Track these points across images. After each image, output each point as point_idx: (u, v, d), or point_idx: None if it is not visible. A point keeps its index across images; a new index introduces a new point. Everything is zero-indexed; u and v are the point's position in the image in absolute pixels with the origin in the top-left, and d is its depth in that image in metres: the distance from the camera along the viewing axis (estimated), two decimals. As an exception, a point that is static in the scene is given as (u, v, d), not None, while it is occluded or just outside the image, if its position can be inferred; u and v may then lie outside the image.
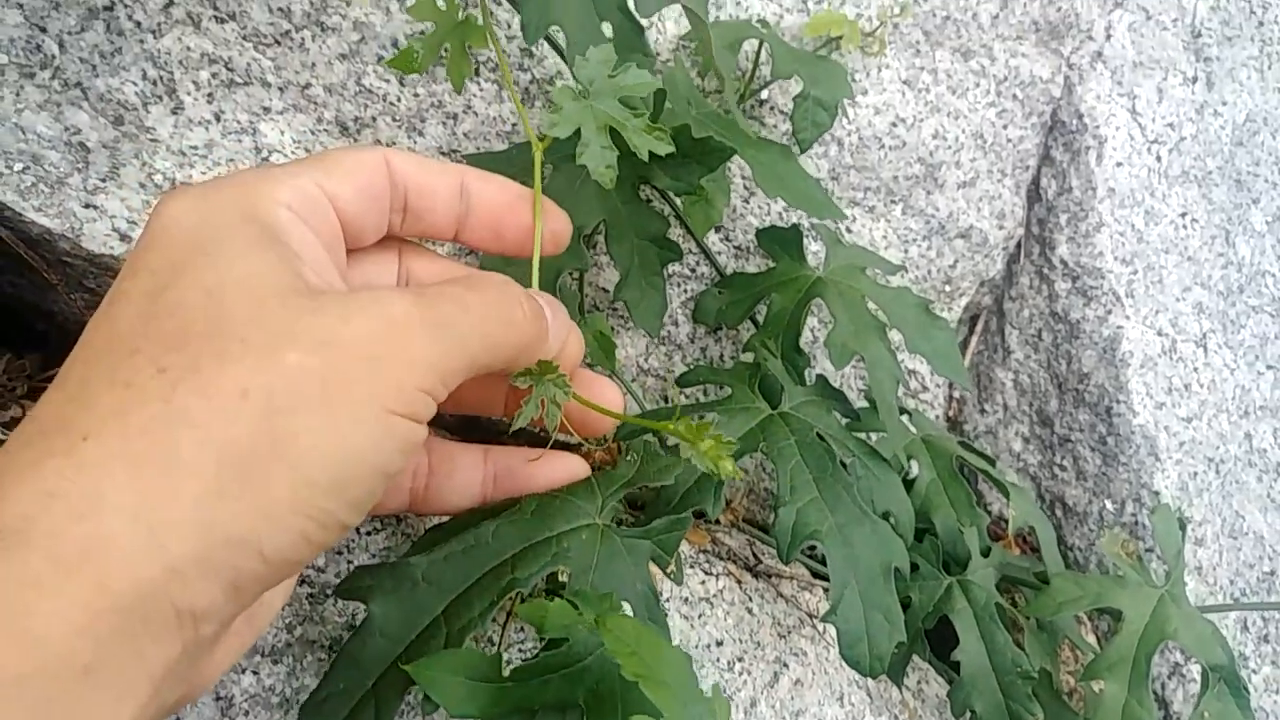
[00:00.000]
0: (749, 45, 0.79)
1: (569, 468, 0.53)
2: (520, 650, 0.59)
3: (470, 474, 0.52)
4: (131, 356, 0.34)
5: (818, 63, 0.74)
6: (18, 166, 0.57)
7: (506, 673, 0.42)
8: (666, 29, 0.78)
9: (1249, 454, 1.00)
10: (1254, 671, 0.92)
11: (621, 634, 0.40)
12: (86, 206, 0.59)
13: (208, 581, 0.33)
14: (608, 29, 0.56)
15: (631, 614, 0.46)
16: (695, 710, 0.37)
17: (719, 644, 0.66)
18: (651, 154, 0.67)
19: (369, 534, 0.60)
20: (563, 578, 0.51)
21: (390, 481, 0.39)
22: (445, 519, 0.53)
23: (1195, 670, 0.88)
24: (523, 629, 0.60)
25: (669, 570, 0.48)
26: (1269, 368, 1.04)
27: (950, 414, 1.06)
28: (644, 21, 0.72)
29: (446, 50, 0.60)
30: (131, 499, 0.32)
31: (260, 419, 0.34)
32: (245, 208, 0.39)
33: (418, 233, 0.47)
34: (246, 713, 0.52)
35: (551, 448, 0.52)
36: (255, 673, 0.53)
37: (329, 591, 0.56)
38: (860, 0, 0.84)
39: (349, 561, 0.58)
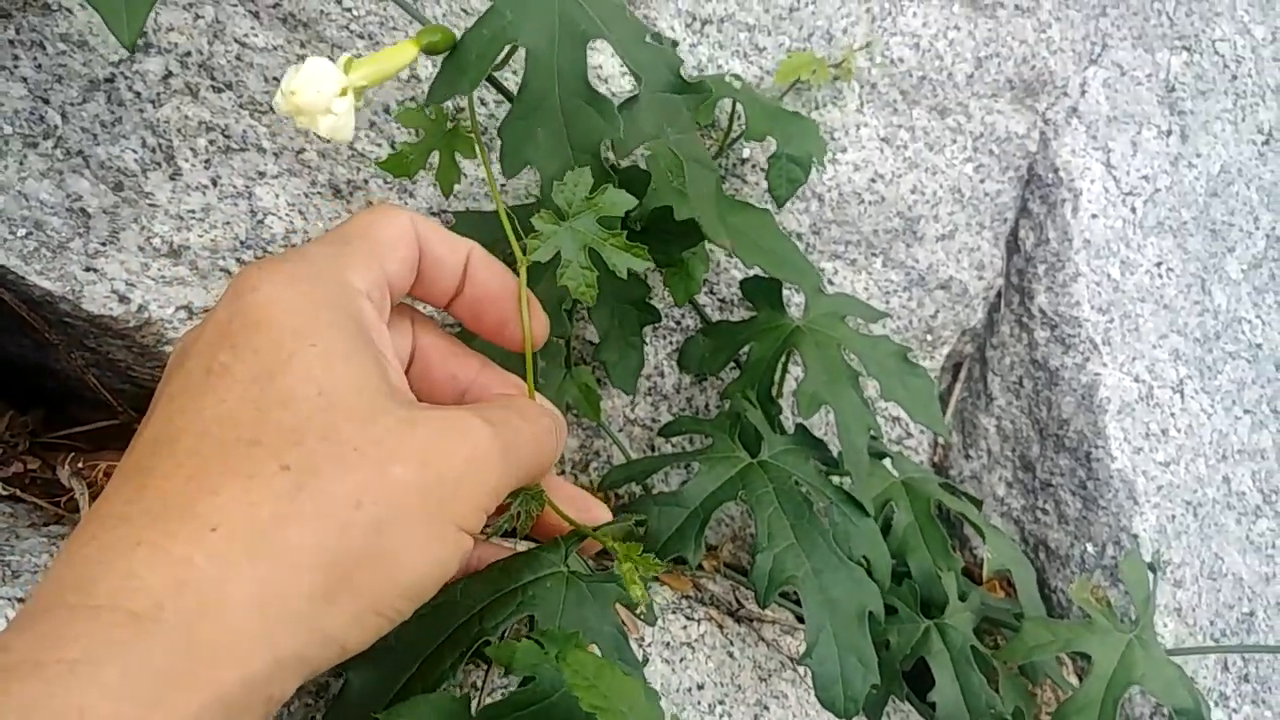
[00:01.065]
0: (726, 101, 0.82)
1: None
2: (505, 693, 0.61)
3: None
4: (252, 447, 0.37)
5: (790, 120, 0.77)
6: (21, 232, 0.60)
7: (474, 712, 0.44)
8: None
9: (1227, 497, 1.02)
10: (1235, 711, 0.93)
11: (580, 667, 0.42)
12: (87, 270, 0.62)
13: (298, 673, 0.36)
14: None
15: (600, 654, 0.48)
16: None
17: (700, 688, 0.68)
18: (634, 231, 0.70)
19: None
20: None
21: None
22: None
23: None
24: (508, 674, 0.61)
25: (639, 611, 0.50)
26: (1246, 412, 1.06)
27: (935, 459, 1.08)
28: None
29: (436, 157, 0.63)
30: (254, 595, 0.34)
31: (369, 531, 0.37)
32: (337, 297, 0.42)
33: (418, 295, 0.50)
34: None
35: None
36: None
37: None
38: (829, 47, 0.88)
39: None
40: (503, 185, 0.76)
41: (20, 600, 0.53)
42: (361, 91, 0.49)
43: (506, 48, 0.55)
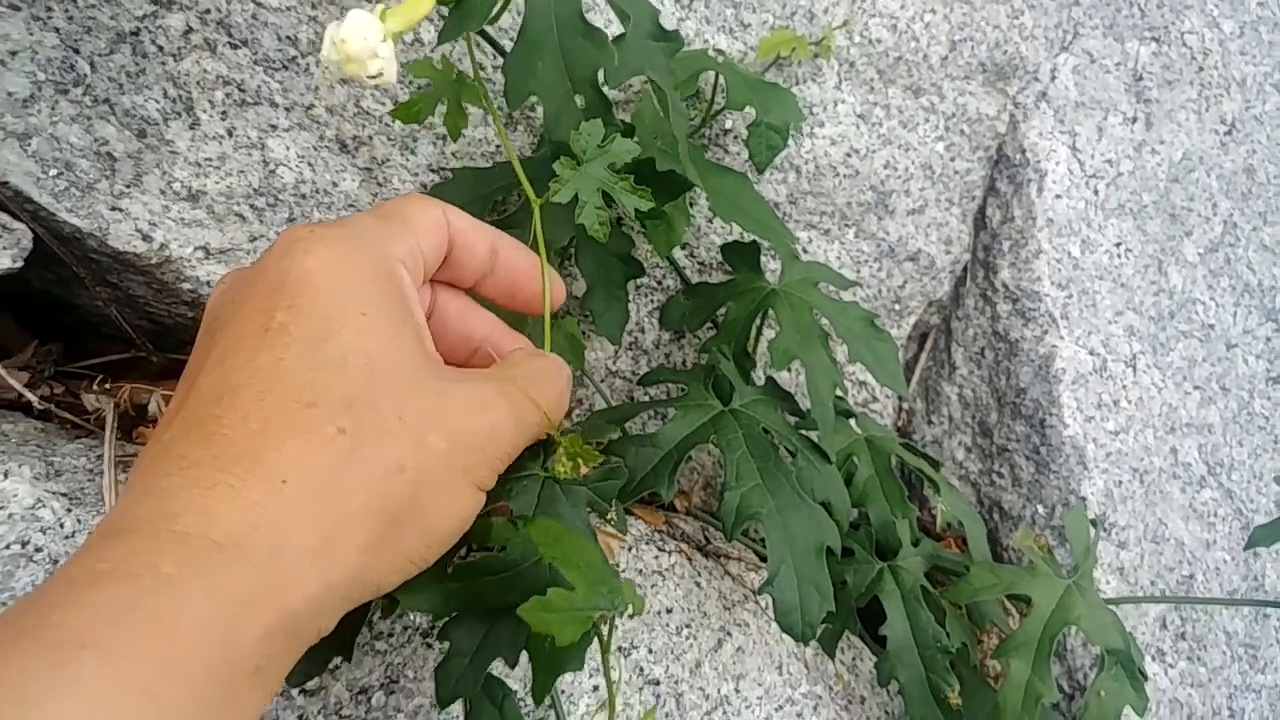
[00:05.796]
0: (709, 74, 0.87)
1: None
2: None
3: None
4: (309, 409, 0.41)
5: (769, 90, 0.82)
6: (52, 172, 0.65)
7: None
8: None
9: (1174, 467, 1.07)
10: (1170, 665, 0.99)
11: (546, 530, 0.48)
12: (112, 209, 0.67)
13: (341, 608, 0.42)
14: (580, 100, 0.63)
15: None
16: (603, 587, 0.45)
17: (669, 611, 0.74)
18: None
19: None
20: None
21: None
22: None
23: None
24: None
25: (609, 517, 0.55)
26: (1196, 388, 1.12)
27: (900, 424, 1.14)
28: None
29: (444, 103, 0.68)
30: (315, 543, 0.40)
31: (409, 491, 0.43)
32: (382, 266, 0.47)
33: (447, 279, 0.55)
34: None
35: None
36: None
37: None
38: (810, 25, 0.93)
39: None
40: (497, 148, 0.81)
41: (64, 494, 0.58)
42: (399, 36, 0.54)
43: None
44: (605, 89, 0.64)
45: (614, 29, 0.80)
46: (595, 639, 0.50)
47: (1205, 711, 1.00)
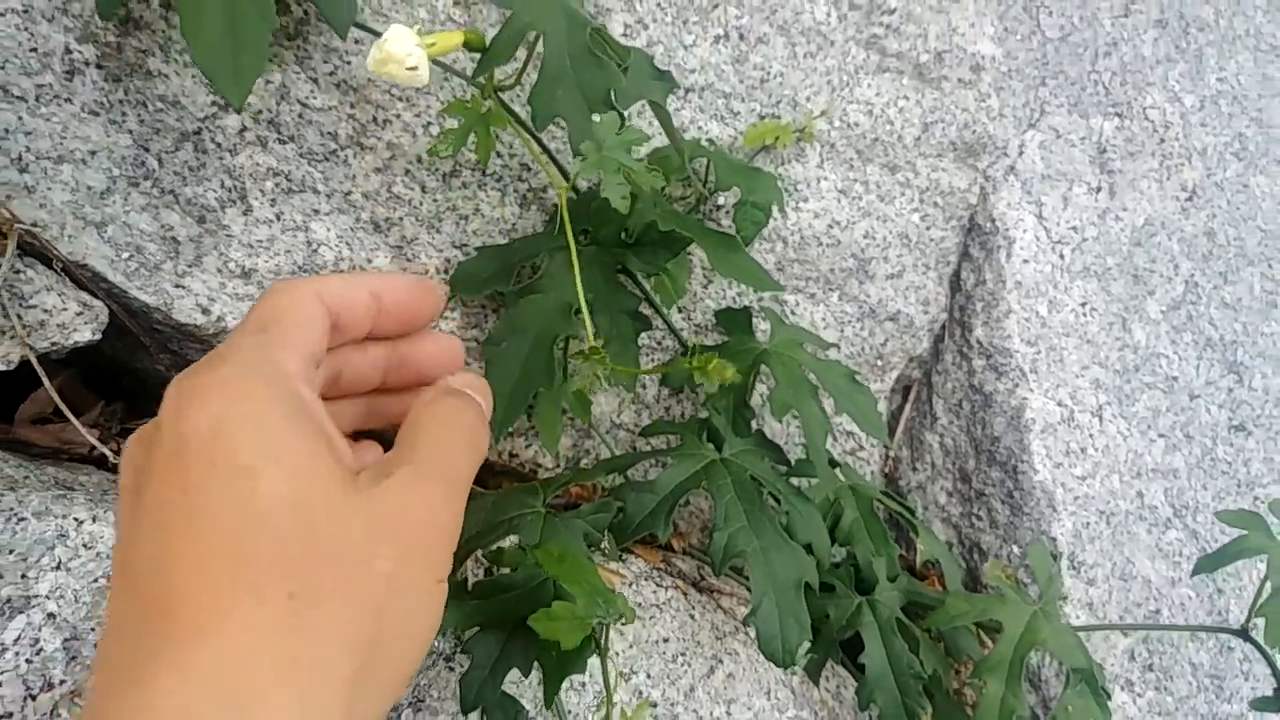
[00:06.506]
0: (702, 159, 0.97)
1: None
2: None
3: None
4: (258, 576, 0.39)
5: (752, 174, 0.92)
6: (125, 255, 0.75)
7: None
8: (640, 150, 0.96)
9: (1140, 509, 1.16)
10: (1139, 695, 1.06)
11: (550, 551, 0.56)
12: (176, 286, 0.76)
13: None
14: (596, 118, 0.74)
15: None
16: (599, 598, 0.54)
17: (665, 641, 0.82)
18: (627, 243, 0.84)
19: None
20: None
21: None
22: None
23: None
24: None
25: (602, 546, 0.64)
26: (1161, 436, 1.21)
27: (886, 471, 1.22)
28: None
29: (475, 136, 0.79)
30: (297, 708, 0.38)
31: (377, 622, 0.42)
32: (279, 395, 0.44)
33: (338, 342, 0.52)
34: None
35: (508, 475, 0.68)
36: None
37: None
38: (794, 112, 1.03)
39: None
40: (512, 226, 0.91)
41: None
42: (431, 52, 0.65)
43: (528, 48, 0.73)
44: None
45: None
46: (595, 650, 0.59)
47: (1172, 738, 1.08)
